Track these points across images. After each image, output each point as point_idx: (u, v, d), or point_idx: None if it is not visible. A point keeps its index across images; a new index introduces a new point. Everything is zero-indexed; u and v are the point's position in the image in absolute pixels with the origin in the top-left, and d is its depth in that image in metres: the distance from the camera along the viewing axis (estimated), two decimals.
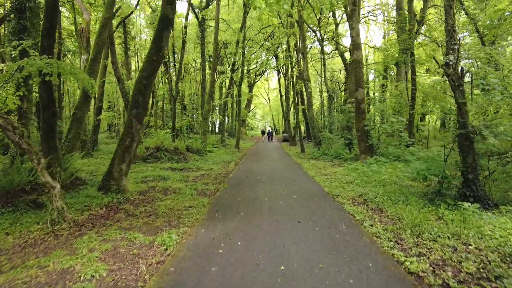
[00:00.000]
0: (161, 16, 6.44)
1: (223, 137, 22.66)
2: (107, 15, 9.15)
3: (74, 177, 7.75)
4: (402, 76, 21.69)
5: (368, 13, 28.63)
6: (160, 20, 6.45)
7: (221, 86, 35.43)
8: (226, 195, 6.89)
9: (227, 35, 26.44)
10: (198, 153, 15.29)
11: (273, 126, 60.34)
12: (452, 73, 4.81)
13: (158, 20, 6.48)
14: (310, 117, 16.83)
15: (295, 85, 21.32)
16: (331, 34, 30.42)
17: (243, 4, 20.86)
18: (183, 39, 17.94)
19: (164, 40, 6.45)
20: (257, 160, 14.53)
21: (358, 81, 12.05)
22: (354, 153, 13.80)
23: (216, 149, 19.84)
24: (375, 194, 6.70)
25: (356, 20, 11.87)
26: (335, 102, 36.89)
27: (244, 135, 43.83)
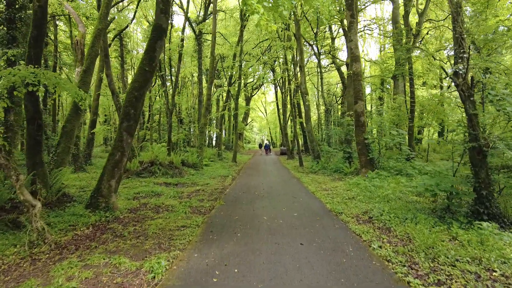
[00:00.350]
0: (155, 26, 6.17)
1: (219, 151, 22.27)
2: (100, 26, 8.88)
3: (61, 193, 7.30)
4: (399, 89, 21.61)
5: (364, 27, 28.83)
6: (153, 29, 6.18)
7: (218, 99, 35.28)
8: (222, 213, 6.46)
9: (224, 49, 26.43)
10: (194, 167, 14.86)
11: (270, 140, 60.10)
12: (461, 83, 4.53)
13: (152, 30, 6.21)
14: (308, 130, 16.54)
15: (292, 98, 21.13)
16: (327, 48, 30.59)
17: (240, 18, 20.89)
18: (179, 52, 17.78)
19: (158, 50, 6.16)
20: (254, 174, 14.12)
21: (357, 94, 11.81)
22: (354, 166, 13.45)
23: (213, 162, 19.42)
24: (381, 211, 6.31)
25: (354, 33, 11.74)
26: (332, 115, 36.81)
27: (242, 148, 43.46)
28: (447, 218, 5.42)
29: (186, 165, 14.82)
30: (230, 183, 11.25)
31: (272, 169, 16.57)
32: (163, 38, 6.23)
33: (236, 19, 23.71)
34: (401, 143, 12.65)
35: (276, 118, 44.85)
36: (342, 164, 14.26)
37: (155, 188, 9.77)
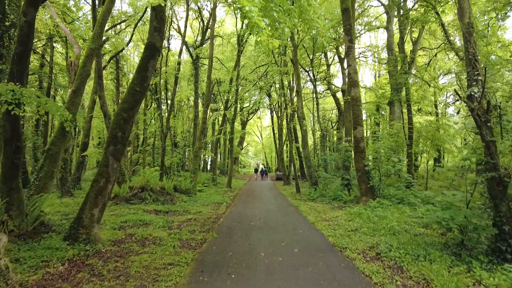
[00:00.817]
0: (148, 44, 5.85)
1: (214, 175, 21.66)
2: (93, 45, 8.60)
3: (38, 222, 6.65)
4: (396, 115, 21.52)
5: (360, 54, 29.32)
6: (146, 48, 5.85)
7: (214, 123, 35.07)
8: (214, 247, 5.85)
9: (221, 73, 26.50)
10: (186, 193, 14.22)
11: (266, 164, 59.51)
12: (477, 107, 4.18)
13: (144, 48, 5.88)
14: (305, 155, 16.12)
15: (289, 123, 20.90)
16: (323, 75, 30.93)
17: (237, 44, 21.02)
18: (176, 75, 17.62)
19: (150, 69, 5.80)
20: (250, 201, 13.50)
21: (356, 119, 11.53)
22: (353, 194, 12.93)
23: (207, 188, 18.78)
24: (389, 246, 5.76)
25: (353, 58, 11.63)
26: (328, 141, 36.64)
27: (237, 173, 42.78)
28: (464, 256, 4.90)
29: (178, 191, 14.19)
30: (224, 211, 10.62)
31: (268, 195, 15.96)
32: (156, 57, 5.89)
33: (233, 45, 23.91)
34: (400, 170, 12.25)
35: (271, 142, 44.60)
36: (341, 191, 13.74)
37: (144, 216, 9.14)
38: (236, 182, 27.47)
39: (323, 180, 16.05)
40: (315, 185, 15.78)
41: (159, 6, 5.84)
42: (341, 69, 30.35)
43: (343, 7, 11.40)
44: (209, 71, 15.20)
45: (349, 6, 11.41)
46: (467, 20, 4.62)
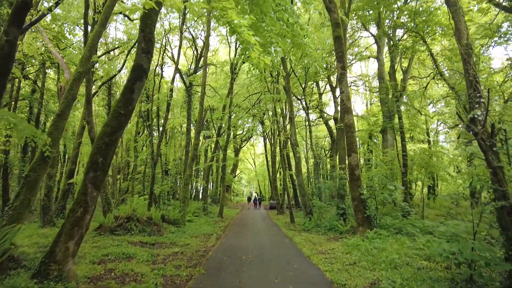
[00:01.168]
0: (135, 65, 5.62)
1: (205, 204, 20.96)
2: (81, 69, 8.37)
3: (7, 257, 6.04)
4: (389, 143, 21.49)
5: (351, 83, 29.83)
6: (133, 69, 5.61)
7: (207, 150, 34.67)
8: (201, 285, 5.30)
9: (214, 101, 26.53)
10: (175, 224, 13.54)
11: (259, 192, 58.61)
12: (481, 131, 3.94)
13: (131, 70, 5.64)
14: (299, 183, 15.71)
15: (282, 150, 20.64)
16: (315, 103, 31.25)
17: (230, 71, 21.19)
18: (168, 101, 17.46)
19: (136, 92, 5.52)
20: (242, 233, 12.87)
21: (350, 146, 11.30)
22: (350, 224, 12.44)
23: (197, 218, 18.04)
24: (392, 283, 5.30)
25: (345, 84, 11.61)
26: (321, 168, 36.34)
27: (229, 201, 41.83)
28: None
29: (166, 221, 13.51)
30: (214, 244, 10.01)
31: (261, 226, 15.32)
32: (143, 79, 5.64)
33: (227, 73, 24.11)
34: (396, 198, 11.90)
35: (265, 170, 44.14)
36: (336, 221, 13.23)
37: (128, 248, 8.51)
38: (228, 211, 26.67)
39: (317, 209, 15.56)
40: (310, 215, 15.25)
41: (148, 28, 5.67)
42: (333, 97, 30.74)
43: (335, 35, 11.53)
44: (202, 98, 15.07)
45: (341, 34, 11.56)
46: (465, 41, 4.52)
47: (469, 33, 4.66)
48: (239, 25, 2.82)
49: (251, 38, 2.88)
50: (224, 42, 25.31)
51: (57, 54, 14.34)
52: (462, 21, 4.66)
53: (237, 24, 2.80)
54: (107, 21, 9.09)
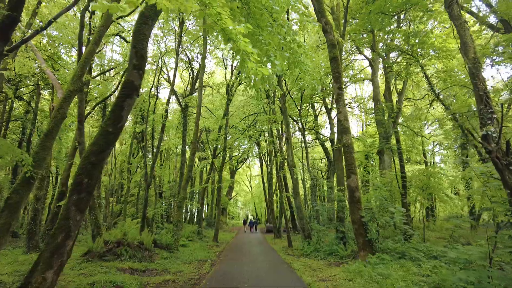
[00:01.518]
0: (125, 82, 5.37)
1: (200, 228, 20.26)
2: (72, 87, 8.13)
3: None
4: (386, 165, 21.27)
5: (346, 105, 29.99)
6: (123, 86, 5.36)
7: (202, 171, 34.15)
8: None
9: (210, 122, 26.38)
10: (167, 249, 12.91)
11: (255, 215, 57.48)
12: (495, 149, 3.68)
13: (121, 86, 5.40)
14: (297, 206, 15.24)
15: (279, 171, 20.28)
16: (311, 124, 31.27)
17: (226, 93, 21.17)
18: (163, 122, 17.22)
19: (126, 109, 5.25)
20: (237, 258, 12.27)
21: (349, 167, 11.00)
22: (350, 248, 11.94)
23: (191, 242, 17.33)
24: None
25: (343, 104, 11.48)
26: (318, 190, 35.84)
27: (225, 224, 40.78)
28: None
29: (159, 246, 12.88)
30: (208, 270, 9.44)
31: (257, 250, 14.69)
32: (134, 96, 5.38)
33: (223, 94, 24.12)
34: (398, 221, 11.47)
35: (261, 192, 43.43)
36: (336, 245, 12.72)
37: (116, 276, 7.98)
38: (223, 235, 25.86)
39: (316, 232, 15.02)
40: (308, 238, 14.69)
41: (140, 43, 5.48)
42: (329, 119, 30.85)
43: (332, 55, 11.53)
44: (197, 118, 14.86)
45: (338, 55, 11.55)
46: (472, 55, 4.35)
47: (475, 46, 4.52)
48: (234, 33, 2.60)
49: (248, 47, 2.65)
50: (220, 64, 25.51)
51: (51, 74, 14.12)
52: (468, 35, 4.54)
53: (232, 31, 2.58)
54: (101, 40, 8.96)
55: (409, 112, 29.78)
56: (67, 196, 4.97)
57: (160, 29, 21.31)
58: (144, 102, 20.58)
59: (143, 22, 5.63)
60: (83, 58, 8.57)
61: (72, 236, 4.91)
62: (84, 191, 4.91)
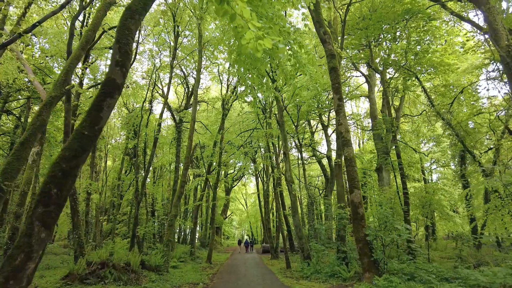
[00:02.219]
0: (106, 80, 4.77)
1: (193, 249, 19.20)
2: (54, 93, 7.52)
3: None
4: (384, 182, 20.70)
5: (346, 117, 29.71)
6: (104, 84, 4.76)
7: (196, 189, 33.18)
8: None
9: (204, 138, 25.79)
10: (156, 271, 11.94)
11: (251, 235, 55.96)
12: None
13: (101, 85, 4.80)
14: (296, 224, 14.42)
15: (276, 187, 19.52)
16: (308, 141, 30.87)
17: (221, 107, 20.70)
18: (155, 136, 16.58)
19: (105, 110, 4.62)
20: (232, 281, 11.34)
21: (352, 182, 10.35)
22: (353, 270, 11.09)
23: (183, 263, 16.30)
24: None
25: (343, 116, 10.97)
26: (315, 209, 34.93)
27: (219, 245, 39.39)
28: None
29: (147, 268, 11.91)
30: None
31: (254, 272, 13.71)
32: (115, 96, 4.77)
33: (218, 109, 23.67)
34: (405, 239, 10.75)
35: (257, 211, 42.34)
36: (338, 266, 11.85)
37: None
38: (218, 256, 24.71)
39: (315, 253, 14.14)
40: (308, 259, 13.78)
41: (124, 38, 4.93)
42: (325, 136, 30.47)
43: (331, 66, 11.11)
44: (191, 132, 14.25)
45: (337, 65, 11.15)
46: (505, 42, 3.84)
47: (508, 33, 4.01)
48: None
49: (245, 9, 2.09)
50: (216, 80, 25.20)
51: (39, 85, 13.50)
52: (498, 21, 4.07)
53: None
54: (88, 45, 8.43)
55: (407, 129, 29.57)
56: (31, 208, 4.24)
57: (155, 43, 21.06)
58: (137, 118, 19.99)
59: (129, 16, 5.11)
60: (67, 63, 8.01)
61: (35, 257, 4.14)
62: (53, 204, 4.18)
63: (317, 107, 27.71)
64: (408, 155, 26.70)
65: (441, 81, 19.62)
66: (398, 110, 23.59)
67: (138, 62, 25.38)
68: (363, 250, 9.69)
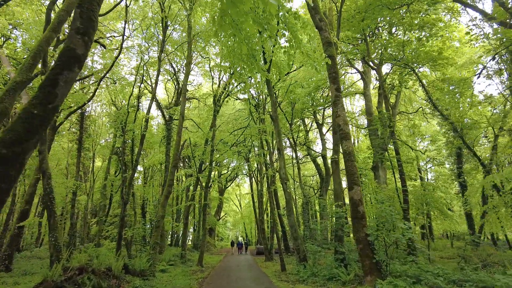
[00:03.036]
0: (64, 50, 3.95)
1: (183, 251, 18.31)
2: (19, 78, 6.66)
3: None
4: (381, 180, 20.09)
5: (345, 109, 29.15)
6: (61, 54, 3.94)
7: (189, 189, 32.27)
8: None
9: (196, 136, 24.92)
10: (141, 275, 11.07)
11: (245, 236, 55.09)
12: None
13: (58, 55, 3.97)
14: (291, 224, 13.63)
15: (270, 185, 18.74)
16: (302, 139, 30.24)
17: (213, 103, 19.89)
18: (142, 133, 15.70)
19: (62, 85, 3.80)
20: (223, 286, 10.52)
21: (352, 177, 9.64)
22: (353, 272, 10.35)
23: (172, 267, 15.42)
24: None
25: (341, 107, 10.26)
26: (310, 209, 34.22)
27: (213, 247, 38.44)
28: None
29: (131, 272, 11.02)
30: None
31: (247, 276, 12.89)
32: (75, 70, 3.96)
33: (210, 106, 22.85)
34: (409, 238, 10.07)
35: (251, 212, 41.54)
36: (336, 268, 11.09)
37: None
38: (210, 258, 23.85)
39: (312, 254, 13.38)
40: (304, 261, 13.01)
41: (87, 2, 4.12)
42: (320, 135, 29.86)
43: (328, 54, 10.37)
44: (180, 127, 13.42)
45: (334, 53, 10.44)
46: None
47: None
48: None
49: None
50: (208, 75, 24.38)
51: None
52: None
53: None
54: (61, 26, 7.56)
55: (403, 127, 29.10)
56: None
57: (144, 38, 20.17)
58: (125, 115, 19.08)
59: None
60: (36, 46, 7.16)
61: None
62: None
63: (311, 105, 27.10)
64: (404, 153, 26.20)
65: (440, 76, 19.09)
66: (394, 107, 23.05)
67: (127, 59, 24.45)
68: (364, 251, 8.98)
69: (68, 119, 23.49)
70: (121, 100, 24.03)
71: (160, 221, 12.22)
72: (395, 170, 17.47)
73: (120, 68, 21.50)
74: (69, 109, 16.06)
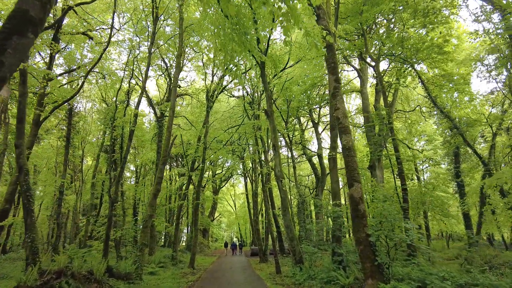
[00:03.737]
0: (14, 11, 3.28)
1: (174, 253, 17.56)
2: None
3: None
4: (378, 180, 19.50)
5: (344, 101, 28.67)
6: (9, 17, 3.26)
7: (182, 188, 31.53)
8: None
9: (189, 134, 24.21)
10: (127, 279, 10.33)
11: (239, 237, 54.35)
12: None
13: (7, 17, 3.27)
14: (287, 224, 12.97)
15: (265, 184, 18.08)
16: (298, 138, 29.72)
17: (206, 99, 19.21)
18: (131, 128, 14.96)
19: (10, 53, 3.12)
20: None
21: (352, 174, 9.02)
22: (353, 275, 9.73)
23: (162, 269, 14.66)
24: None
25: (341, 100, 9.64)
26: (305, 210, 33.63)
27: (207, 248, 37.65)
28: None
29: (115, 276, 10.27)
30: None
31: (240, 279, 12.21)
32: (28, 35, 3.27)
33: (202, 101, 22.14)
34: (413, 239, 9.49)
35: (246, 212, 40.85)
36: (334, 271, 10.45)
37: None
38: (203, 259, 23.11)
39: (308, 256, 12.72)
40: (300, 263, 12.35)
41: None
42: (315, 134, 29.30)
43: (326, 42, 9.76)
44: (170, 122, 12.71)
45: (332, 42, 9.81)
46: None
47: None
48: None
49: None
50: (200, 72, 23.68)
51: None
52: None
53: None
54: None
55: (400, 126, 28.69)
56: None
57: (135, 32, 19.42)
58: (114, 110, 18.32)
59: None
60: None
61: None
62: None
63: (307, 103, 26.56)
64: (401, 152, 25.78)
65: (439, 72, 18.62)
66: (391, 106, 22.58)
67: (117, 54, 23.68)
68: (365, 253, 8.34)
69: (55, 116, 22.66)
70: (111, 97, 23.24)
71: (148, 221, 11.48)
72: (394, 168, 16.94)
73: (110, 62, 20.74)
74: (53, 104, 15.24)
